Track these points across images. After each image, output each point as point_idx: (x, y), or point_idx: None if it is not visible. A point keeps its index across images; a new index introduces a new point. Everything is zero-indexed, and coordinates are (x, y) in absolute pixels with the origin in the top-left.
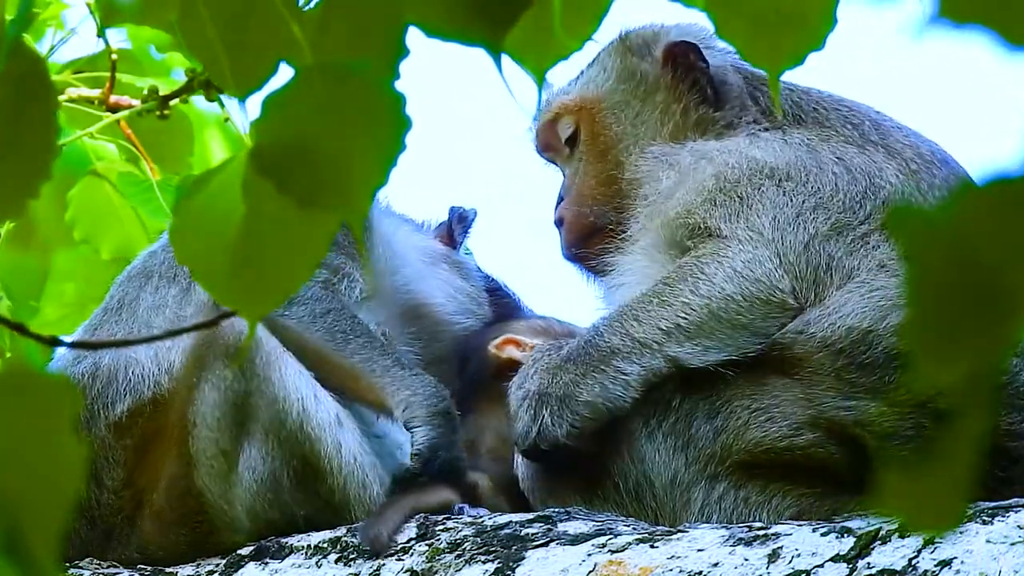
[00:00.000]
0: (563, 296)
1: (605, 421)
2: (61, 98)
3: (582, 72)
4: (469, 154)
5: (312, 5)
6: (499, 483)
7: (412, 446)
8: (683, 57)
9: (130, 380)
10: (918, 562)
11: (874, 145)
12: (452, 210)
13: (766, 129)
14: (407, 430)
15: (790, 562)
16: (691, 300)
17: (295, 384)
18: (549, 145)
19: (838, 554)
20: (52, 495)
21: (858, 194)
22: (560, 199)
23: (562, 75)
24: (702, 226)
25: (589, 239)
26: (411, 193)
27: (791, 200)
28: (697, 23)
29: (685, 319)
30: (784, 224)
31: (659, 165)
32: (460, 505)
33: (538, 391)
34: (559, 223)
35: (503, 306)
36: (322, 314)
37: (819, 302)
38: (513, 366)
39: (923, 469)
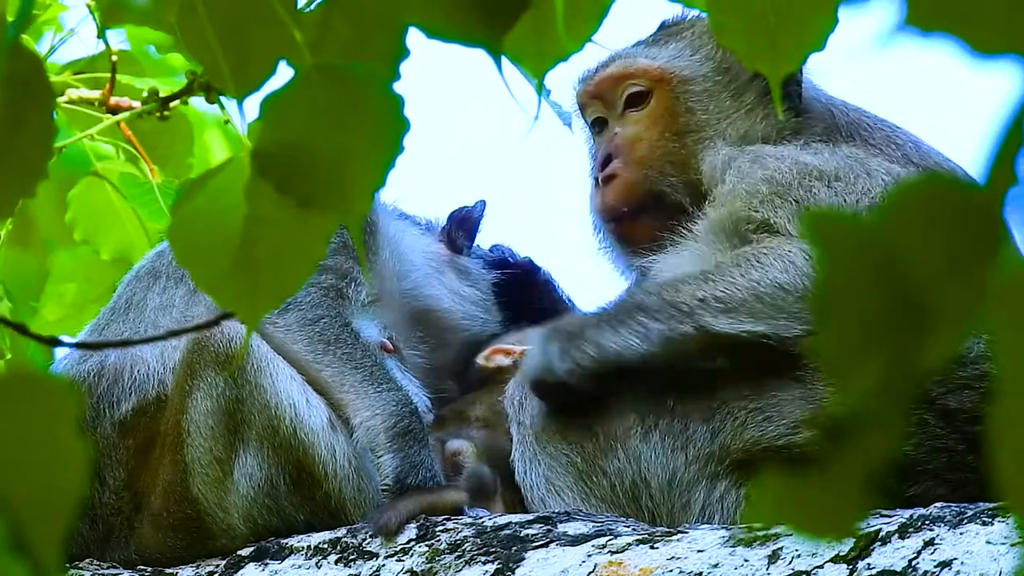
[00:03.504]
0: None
1: (611, 366)
2: (61, 99)
3: (661, 41)
4: (469, 155)
5: (312, 6)
6: (483, 450)
7: (380, 476)
8: None
9: (135, 379)
10: (918, 563)
11: (915, 166)
12: (452, 214)
13: (819, 141)
14: (373, 455)
15: (790, 563)
16: (737, 280)
17: (287, 390)
18: (600, 96)
19: (838, 555)
20: (56, 496)
21: None
22: (608, 156)
23: (558, 74)
24: (766, 222)
25: (641, 204)
26: (410, 194)
27: (844, 200)
28: None
29: (725, 294)
30: None
31: (725, 167)
32: (470, 508)
33: (555, 327)
34: (606, 180)
35: (528, 289)
36: (311, 321)
37: None
38: (506, 374)
39: (819, 477)
